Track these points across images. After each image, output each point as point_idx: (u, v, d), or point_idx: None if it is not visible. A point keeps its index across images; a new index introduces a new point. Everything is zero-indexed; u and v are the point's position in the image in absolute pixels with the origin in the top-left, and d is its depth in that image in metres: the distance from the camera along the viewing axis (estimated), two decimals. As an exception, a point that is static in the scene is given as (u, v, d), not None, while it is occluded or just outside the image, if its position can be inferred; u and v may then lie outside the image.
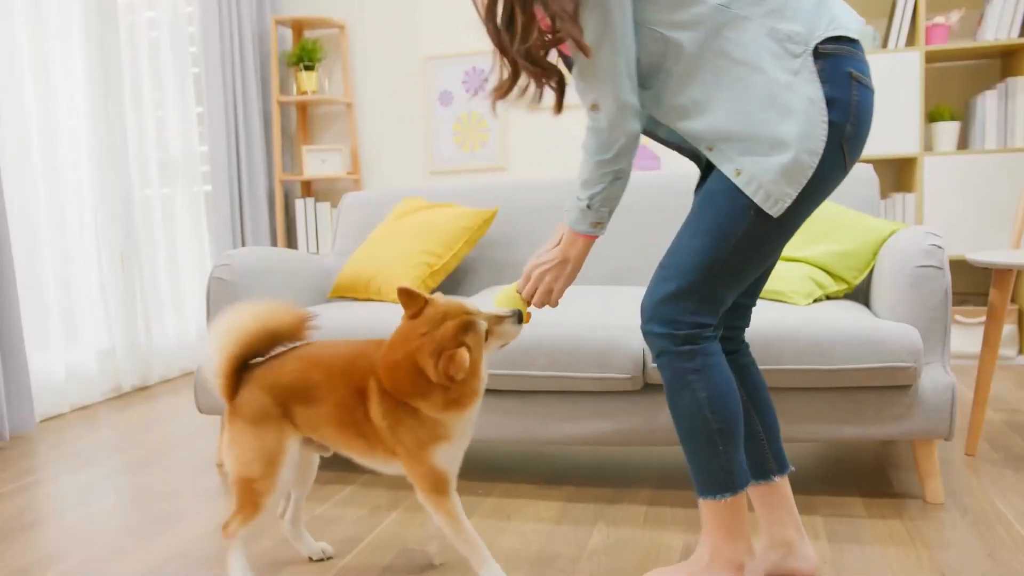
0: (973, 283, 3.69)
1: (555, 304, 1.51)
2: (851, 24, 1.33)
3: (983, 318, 3.46)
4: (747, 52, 1.31)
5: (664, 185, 2.72)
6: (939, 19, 3.45)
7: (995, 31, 3.36)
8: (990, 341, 2.23)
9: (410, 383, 1.49)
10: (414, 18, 4.33)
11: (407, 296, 1.52)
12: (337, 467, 2.32)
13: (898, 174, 3.76)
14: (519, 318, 1.53)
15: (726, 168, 1.34)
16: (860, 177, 2.49)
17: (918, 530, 1.77)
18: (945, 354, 1.93)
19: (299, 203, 4.39)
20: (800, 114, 1.29)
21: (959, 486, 2.03)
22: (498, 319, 1.52)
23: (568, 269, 1.48)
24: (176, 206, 3.94)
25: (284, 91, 4.47)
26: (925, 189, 3.44)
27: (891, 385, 1.88)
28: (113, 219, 3.49)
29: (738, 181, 1.32)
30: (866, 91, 1.33)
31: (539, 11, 1.31)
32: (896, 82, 3.40)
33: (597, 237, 1.46)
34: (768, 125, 1.30)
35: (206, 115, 4.02)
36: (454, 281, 2.85)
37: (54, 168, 3.23)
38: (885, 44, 3.55)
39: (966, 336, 3.50)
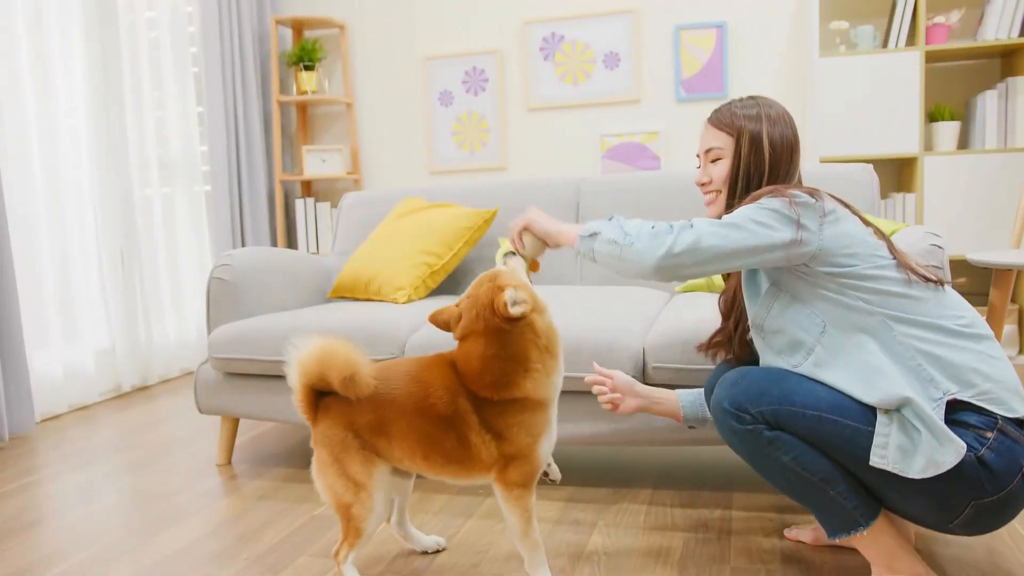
0: (973, 283, 3.69)
1: (512, 234, 1.63)
2: (1012, 404, 1.34)
3: (983, 318, 3.45)
4: (893, 369, 1.35)
5: (664, 185, 2.72)
6: (939, 19, 3.45)
7: (995, 31, 3.36)
8: (990, 341, 2.23)
9: (502, 370, 1.48)
10: (414, 18, 4.33)
11: (436, 319, 1.55)
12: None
13: (898, 174, 3.76)
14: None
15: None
16: (860, 177, 2.49)
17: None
18: (945, 354, 1.92)
19: (299, 203, 4.39)
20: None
21: (959, 486, 2.02)
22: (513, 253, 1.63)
23: (533, 222, 1.60)
24: (176, 206, 3.94)
25: (284, 91, 4.47)
26: (925, 189, 3.44)
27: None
28: (113, 219, 3.50)
29: (878, 419, 1.34)
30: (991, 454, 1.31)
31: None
32: (896, 82, 3.40)
33: (572, 248, 1.62)
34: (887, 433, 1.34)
35: (206, 115, 4.02)
36: (454, 281, 2.84)
37: (54, 168, 3.23)
38: (885, 44, 3.54)
39: (966, 336, 3.49)
